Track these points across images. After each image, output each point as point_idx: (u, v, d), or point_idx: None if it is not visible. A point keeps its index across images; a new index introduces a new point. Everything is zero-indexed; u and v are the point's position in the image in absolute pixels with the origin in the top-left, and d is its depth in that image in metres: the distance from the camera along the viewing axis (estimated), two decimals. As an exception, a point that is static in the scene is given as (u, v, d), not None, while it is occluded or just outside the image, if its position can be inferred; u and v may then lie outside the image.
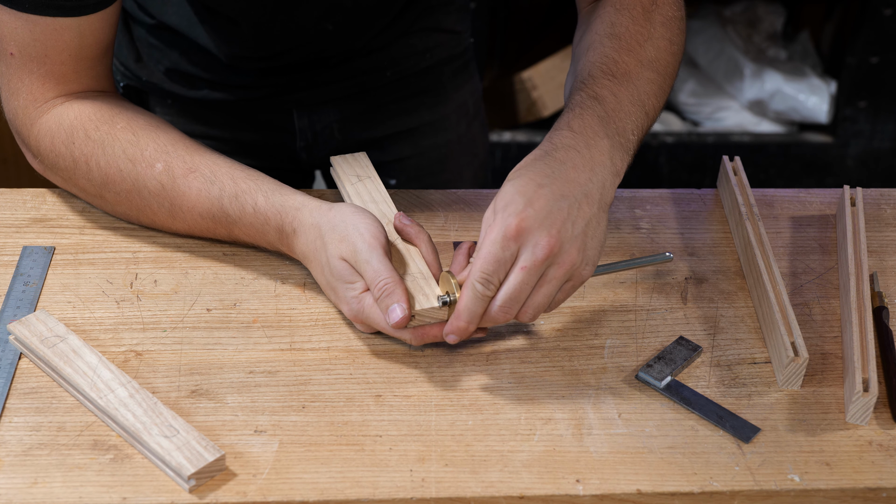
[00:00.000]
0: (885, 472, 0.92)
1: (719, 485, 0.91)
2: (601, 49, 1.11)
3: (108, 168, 1.08)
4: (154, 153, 1.07)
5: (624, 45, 1.11)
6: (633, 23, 1.12)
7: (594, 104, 1.04)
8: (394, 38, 1.35)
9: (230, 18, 1.24)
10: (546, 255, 0.94)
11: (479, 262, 0.94)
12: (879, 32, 2.59)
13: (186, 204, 1.07)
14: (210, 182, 1.06)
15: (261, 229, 1.06)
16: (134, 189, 1.09)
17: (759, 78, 2.70)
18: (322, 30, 1.26)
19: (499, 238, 0.94)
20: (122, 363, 1.00)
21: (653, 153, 2.68)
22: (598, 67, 1.09)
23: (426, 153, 1.48)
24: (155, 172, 1.07)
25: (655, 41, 1.12)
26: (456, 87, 1.47)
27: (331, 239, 1.00)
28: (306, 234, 1.03)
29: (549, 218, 0.94)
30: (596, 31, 1.13)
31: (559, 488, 0.90)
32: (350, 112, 1.40)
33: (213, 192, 1.06)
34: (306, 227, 1.03)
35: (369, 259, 0.98)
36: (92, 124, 1.09)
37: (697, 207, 1.24)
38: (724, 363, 1.03)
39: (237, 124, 1.39)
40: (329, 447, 0.92)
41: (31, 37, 1.06)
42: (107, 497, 0.87)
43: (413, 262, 1.03)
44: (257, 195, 1.06)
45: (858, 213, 1.19)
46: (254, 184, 1.06)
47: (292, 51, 1.29)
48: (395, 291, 0.96)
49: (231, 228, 1.08)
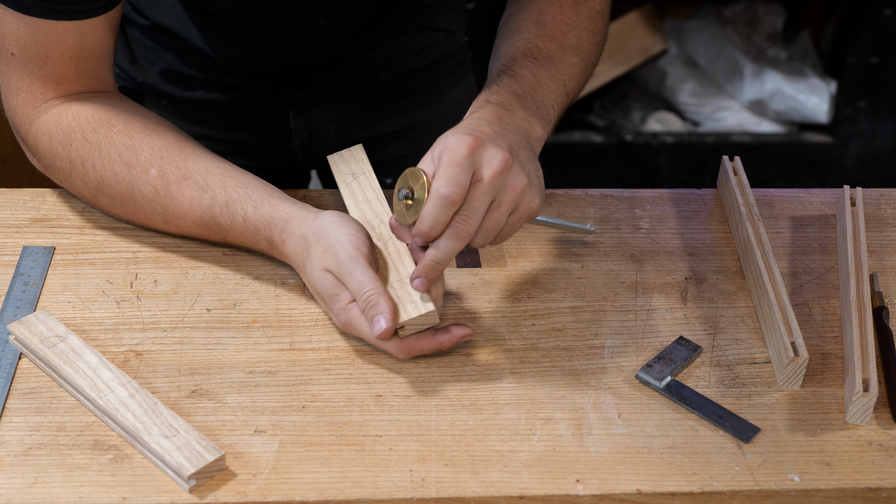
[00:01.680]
0: (885, 472, 0.92)
1: (719, 485, 0.91)
2: (526, 35, 1.16)
3: (103, 171, 1.09)
4: (149, 158, 1.08)
5: (548, 32, 1.16)
6: (560, 13, 1.17)
7: (511, 82, 1.09)
8: (388, 37, 1.35)
9: (223, 18, 1.24)
10: (502, 167, 0.95)
11: (441, 169, 0.94)
12: (879, 32, 2.59)
13: (179, 211, 1.08)
14: (202, 190, 1.07)
15: (252, 238, 1.07)
16: (128, 193, 1.09)
17: (759, 78, 2.70)
18: (316, 26, 1.25)
19: (459, 149, 0.94)
20: (122, 363, 1.00)
21: (653, 153, 2.68)
22: (521, 51, 1.14)
23: (422, 152, 1.47)
24: (149, 178, 1.07)
25: (579, 31, 1.17)
26: (451, 86, 1.47)
27: (315, 250, 1.01)
28: (294, 245, 1.03)
29: (497, 141, 0.97)
30: (523, 17, 1.18)
31: (559, 488, 0.90)
32: (346, 112, 1.40)
33: (205, 201, 1.07)
34: (294, 238, 1.03)
35: (352, 271, 0.98)
36: (89, 126, 1.09)
37: (697, 207, 1.24)
38: (724, 363, 1.03)
39: (233, 124, 1.39)
40: (329, 447, 0.92)
41: (32, 38, 1.06)
42: (107, 497, 0.87)
43: (403, 266, 1.02)
44: (247, 205, 1.06)
45: (858, 213, 1.19)
46: (244, 192, 1.06)
47: (287, 50, 1.29)
48: (379, 303, 0.96)
49: (224, 235, 1.09)
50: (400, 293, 1.00)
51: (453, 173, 0.93)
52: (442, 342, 1.00)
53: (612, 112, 2.79)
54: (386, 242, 1.05)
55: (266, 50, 1.28)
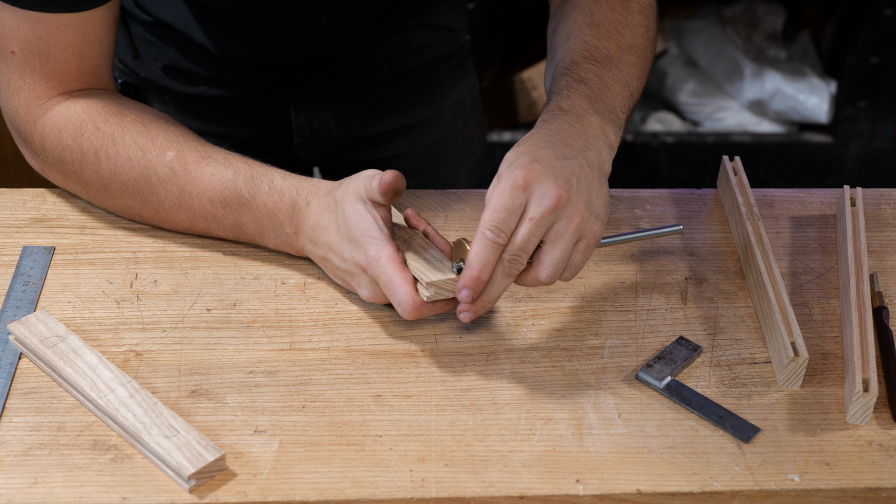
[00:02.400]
0: (885, 472, 0.92)
1: (719, 485, 0.91)
2: (581, 37, 1.14)
3: (117, 157, 1.09)
4: (165, 142, 1.09)
5: (603, 32, 1.14)
6: (612, 11, 1.16)
7: (580, 86, 1.07)
8: (389, 35, 1.36)
9: (224, 14, 1.24)
10: (554, 205, 0.94)
11: (488, 213, 0.94)
12: (879, 32, 2.59)
13: (197, 189, 1.08)
14: (225, 166, 1.08)
15: (273, 208, 1.07)
16: (142, 177, 1.09)
17: (759, 78, 2.70)
18: (316, 22, 1.26)
19: (507, 188, 0.94)
20: (122, 363, 1.00)
21: (653, 153, 2.68)
22: (580, 54, 1.12)
23: (423, 150, 1.48)
24: (166, 160, 1.08)
25: (633, 27, 1.16)
26: (453, 84, 1.47)
27: (348, 186, 1.02)
28: (320, 202, 1.04)
29: (554, 172, 0.96)
30: (575, 20, 1.16)
31: (559, 488, 0.90)
32: (347, 109, 1.40)
33: (228, 175, 1.07)
34: (321, 196, 1.05)
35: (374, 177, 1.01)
36: (101, 117, 1.10)
37: (697, 207, 1.24)
38: (724, 363, 1.03)
39: (235, 121, 1.39)
40: (329, 447, 0.92)
41: (32, 34, 1.06)
42: (107, 497, 0.87)
43: (426, 250, 1.03)
44: (274, 175, 1.08)
45: (858, 213, 1.19)
46: (270, 169, 1.09)
47: (287, 47, 1.29)
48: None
49: (240, 213, 1.08)
50: (426, 266, 1.01)
51: (499, 219, 0.94)
52: (448, 302, 1.01)
53: (612, 112, 2.79)
54: (407, 239, 1.05)
55: (265, 46, 1.29)
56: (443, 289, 0.99)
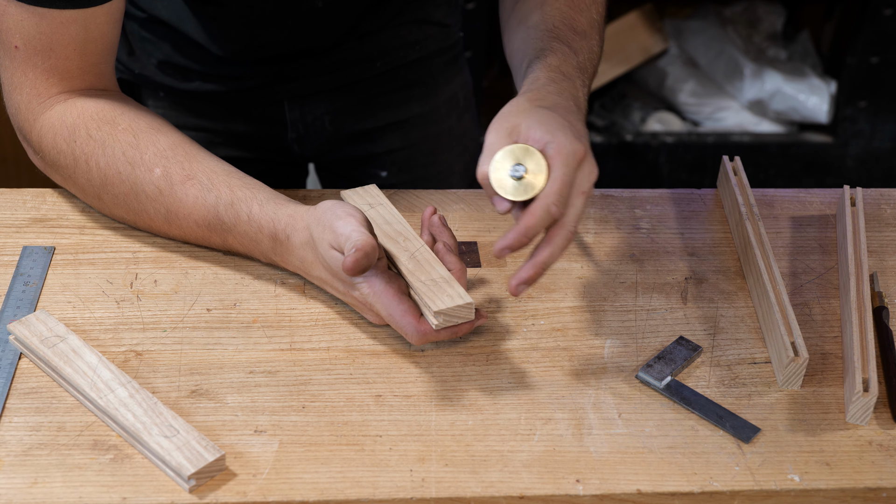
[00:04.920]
0: (885, 472, 0.92)
1: (719, 485, 0.91)
2: (556, 5, 1.19)
3: (107, 169, 1.09)
4: (153, 157, 1.08)
5: (575, 5, 1.20)
6: None
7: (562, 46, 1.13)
8: (383, 28, 1.36)
9: (219, 3, 1.24)
10: (595, 178, 0.99)
11: (556, 184, 0.95)
12: (879, 32, 2.59)
13: (183, 211, 1.08)
14: (207, 190, 1.07)
15: (254, 237, 1.06)
16: (132, 192, 1.09)
17: (759, 78, 2.70)
18: (313, 7, 1.26)
19: (572, 162, 0.97)
20: (122, 363, 1.00)
21: (653, 153, 2.68)
22: (560, 20, 1.17)
23: (417, 145, 1.49)
24: (153, 177, 1.07)
25: (598, 6, 1.23)
26: (446, 80, 1.48)
27: (318, 233, 1.01)
28: (299, 237, 1.03)
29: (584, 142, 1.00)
30: None
31: (559, 488, 0.90)
32: (341, 104, 1.40)
33: (210, 200, 1.07)
34: (299, 230, 1.03)
35: (344, 230, 0.98)
36: (94, 123, 1.09)
37: (697, 207, 1.24)
38: (724, 363, 1.03)
39: (229, 116, 1.39)
40: (329, 447, 0.92)
41: (36, 29, 1.07)
42: (107, 497, 0.87)
43: (434, 269, 1.02)
44: (252, 204, 1.06)
45: (858, 213, 1.19)
46: (250, 192, 1.07)
47: (283, 35, 1.29)
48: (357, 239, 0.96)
49: (226, 237, 1.08)
50: (434, 289, 0.99)
51: (565, 193, 0.96)
52: (459, 328, 1.00)
53: (613, 112, 2.79)
54: (413, 253, 1.04)
55: (261, 34, 1.29)
56: (452, 316, 0.98)
